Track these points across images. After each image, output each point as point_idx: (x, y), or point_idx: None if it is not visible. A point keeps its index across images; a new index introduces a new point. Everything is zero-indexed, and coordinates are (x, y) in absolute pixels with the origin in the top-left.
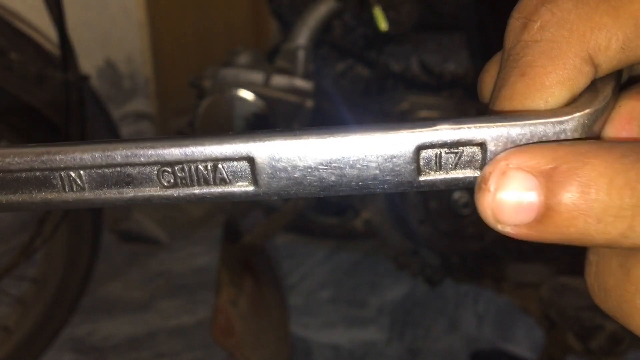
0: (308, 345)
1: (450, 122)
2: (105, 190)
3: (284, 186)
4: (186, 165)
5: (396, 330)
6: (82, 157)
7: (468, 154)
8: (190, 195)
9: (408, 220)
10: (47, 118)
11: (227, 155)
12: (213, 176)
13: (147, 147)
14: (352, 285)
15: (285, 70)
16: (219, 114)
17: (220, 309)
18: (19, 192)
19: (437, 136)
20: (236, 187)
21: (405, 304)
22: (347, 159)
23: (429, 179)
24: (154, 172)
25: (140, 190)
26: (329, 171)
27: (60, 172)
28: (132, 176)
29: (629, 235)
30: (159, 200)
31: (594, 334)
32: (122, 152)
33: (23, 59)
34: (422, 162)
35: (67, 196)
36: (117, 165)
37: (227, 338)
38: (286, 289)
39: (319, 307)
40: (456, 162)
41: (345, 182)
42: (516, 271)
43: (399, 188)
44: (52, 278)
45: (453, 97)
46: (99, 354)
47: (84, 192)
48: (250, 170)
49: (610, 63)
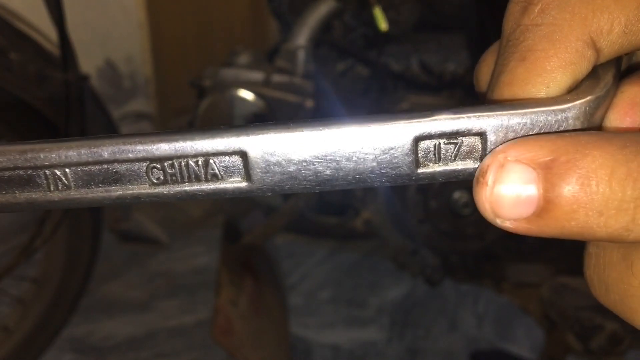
0: (308, 345)
1: (449, 112)
2: (92, 189)
3: (278, 181)
4: (176, 161)
5: (396, 330)
6: (67, 154)
7: (468, 144)
8: (181, 193)
9: (408, 220)
10: (47, 118)
11: (218, 150)
12: (204, 172)
13: (135, 143)
14: (352, 285)
15: (285, 70)
16: (218, 114)
17: (220, 309)
18: (2, 192)
19: (435, 126)
20: (229, 183)
21: (405, 304)
22: (343, 152)
23: (428, 171)
24: (143, 168)
25: (129, 188)
26: (324, 164)
27: (45, 171)
28: (119, 173)
29: (632, 229)
30: (148, 198)
31: (594, 334)
32: (109, 148)
33: (23, 58)
34: (420, 154)
35: (52, 195)
36: (104, 162)
37: (227, 338)
38: (286, 289)
39: (319, 307)
40: (456, 153)
41: (341, 175)
42: (516, 271)
43: (397, 181)
44: (52, 278)
45: (453, 97)
46: (98, 353)
47: (70, 190)
48: (243, 165)
49: (612, 47)
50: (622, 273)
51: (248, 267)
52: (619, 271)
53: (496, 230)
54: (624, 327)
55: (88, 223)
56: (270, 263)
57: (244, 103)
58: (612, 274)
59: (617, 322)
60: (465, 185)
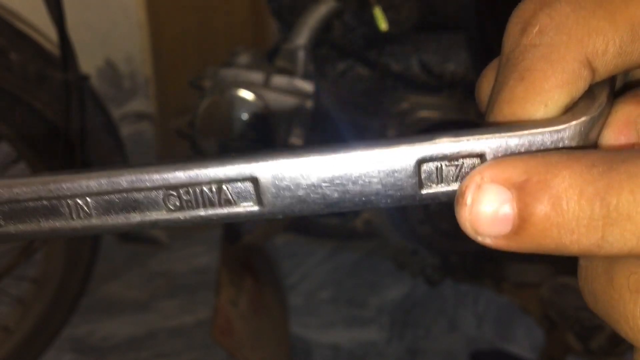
0: (308, 345)
1: (449, 135)
2: (112, 216)
3: (288, 205)
4: (191, 188)
5: (396, 330)
6: (88, 184)
7: (468, 165)
8: (196, 218)
9: (408, 221)
10: (48, 118)
11: (230, 177)
12: (218, 198)
13: (152, 172)
14: (352, 285)
15: (285, 70)
16: (218, 114)
17: (220, 309)
18: (27, 221)
19: (437, 149)
20: (241, 208)
21: (405, 304)
22: (349, 176)
23: (430, 192)
24: (160, 196)
25: (147, 215)
26: (332, 188)
27: (67, 200)
28: (138, 201)
29: (602, 245)
30: (165, 224)
31: (594, 334)
32: (127, 177)
33: (23, 58)
34: (423, 176)
35: (74, 223)
36: (123, 191)
37: (227, 338)
38: (286, 289)
39: (319, 307)
40: (457, 174)
41: (348, 198)
42: (516, 271)
43: (401, 202)
44: (52, 278)
45: (453, 97)
46: (98, 353)
47: (91, 218)
48: (254, 191)
49: (607, 67)
50: (605, 286)
51: (248, 267)
52: (603, 284)
53: None
54: None
55: None
56: (270, 263)
57: (243, 103)
58: (598, 286)
59: None
60: None
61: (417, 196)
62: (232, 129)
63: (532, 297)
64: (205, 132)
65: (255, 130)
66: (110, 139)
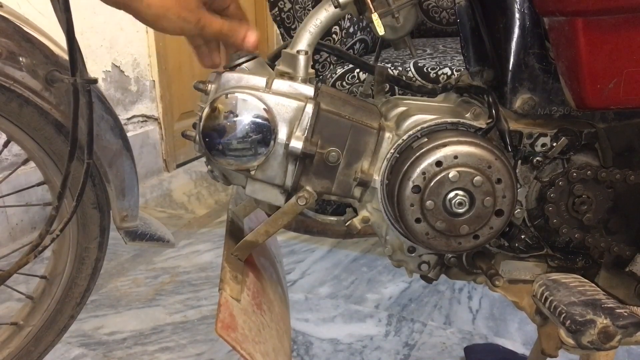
0: (308, 340)
1: None
2: None
3: None
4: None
5: (393, 324)
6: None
7: None
8: None
9: (405, 219)
10: (56, 120)
11: None
12: None
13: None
14: (351, 281)
15: (286, 74)
16: (222, 118)
17: (224, 304)
18: None
19: None
20: None
21: (402, 299)
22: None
23: None
24: None
25: None
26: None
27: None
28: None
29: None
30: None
31: (585, 329)
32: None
33: (33, 62)
34: None
35: None
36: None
37: (230, 332)
38: (287, 285)
39: (319, 303)
40: None
41: None
42: (509, 268)
43: None
44: (61, 275)
45: (448, 102)
46: (106, 348)
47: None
48: None
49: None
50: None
51: (251, 264)
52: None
53: (490, 229)
54: (615, 323)
55: (96, 222)
56: (272, 260)
57: (246, 107)
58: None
59: (608, 318)
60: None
61: None
62: (235, 132)
63: (525, 293)
64: (209, 134)
65: (257, 132)
66: (117, 140)
